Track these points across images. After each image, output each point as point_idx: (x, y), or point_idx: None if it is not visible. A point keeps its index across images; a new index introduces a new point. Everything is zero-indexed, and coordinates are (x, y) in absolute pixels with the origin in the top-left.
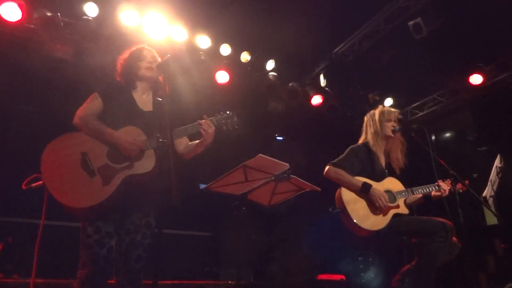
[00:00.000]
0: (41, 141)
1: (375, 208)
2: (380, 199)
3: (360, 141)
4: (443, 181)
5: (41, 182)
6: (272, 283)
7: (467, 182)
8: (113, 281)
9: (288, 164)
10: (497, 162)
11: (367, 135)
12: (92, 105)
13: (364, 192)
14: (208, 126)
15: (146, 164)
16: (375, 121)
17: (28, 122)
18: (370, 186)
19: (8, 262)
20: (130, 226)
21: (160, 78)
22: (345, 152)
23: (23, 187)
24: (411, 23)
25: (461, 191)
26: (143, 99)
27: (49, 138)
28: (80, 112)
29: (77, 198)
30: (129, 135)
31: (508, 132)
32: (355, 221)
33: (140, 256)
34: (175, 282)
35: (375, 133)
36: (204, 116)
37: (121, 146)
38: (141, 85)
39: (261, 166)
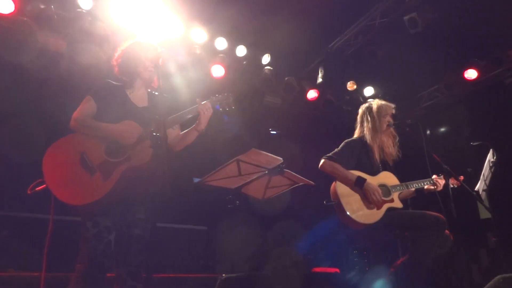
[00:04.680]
0: (36, 135)
1: (369, 202)
2: (374, 193)
3: (356, 135)
4: (438, 176)
5: (44, 185)
6: (266, 275)
7: (461, 177)
8: (113, 274)
9: (281, 158)
10: (489, 157)
11: (363, 129)
12: (86, 107)
13: (358, 186)
14: (206, 108)
15: (144, 156)
16: (373, 115)
17: (21, 116)
18: (364, 180)
19: (4, 256)
20: (130, 220)
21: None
22: (341, 146)
23: (28, 191)
24: (406, 17)
25: (455, 186)
26: (138, 95)
27: (44, 132)
28: (76, 115)
29: (80, 196)
30: (125, 127)
31: (502, 126)
32: (348, 214)
33: (140, 250)
34: (170, 275)
35: (373, 128)
36: (197, 99)
37: (118, 135)
38: (137, 82)
39: (254, 160)
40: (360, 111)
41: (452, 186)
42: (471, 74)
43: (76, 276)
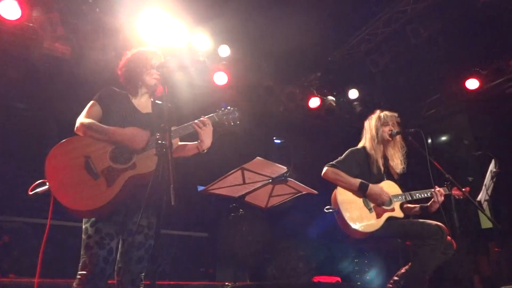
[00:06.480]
0: (39, 139)
1: (376, 205)
2: (381, 196)
3: (360, 144)
4: (442, 187)
5: (46, 188)
6: (268, 284)
7: (467, 189)
8: (114, 282)
9: (285, 167)
10: (491, 167)
11: (365, 140)
12: (91, 111)
13: (361, 191)
14: (202, 123)
15: (149, 164)
16: (372, 126)
17: (26, 120)
18: (367, 185)
19: (4, 261)
20: (132, 227)
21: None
22: (344, 154)
23: (29, 192)
24: (409, 27)
25: (457, 197)
26: (142, 101)
27: (48, 137)
28: (81, 118)
29: (82, 201)
30: (135, 131)
31: (504, 136)
32: (348, 222)
33: (142, 257)
34: (171, 283)
35: (372, 138)
36: (202, 116)
37: (128, 139)
38: (142, 89)
39: (259, 168)
40: (365, 122)
41: (456, 197)
42: (472, 83)
43: (77, 283)
